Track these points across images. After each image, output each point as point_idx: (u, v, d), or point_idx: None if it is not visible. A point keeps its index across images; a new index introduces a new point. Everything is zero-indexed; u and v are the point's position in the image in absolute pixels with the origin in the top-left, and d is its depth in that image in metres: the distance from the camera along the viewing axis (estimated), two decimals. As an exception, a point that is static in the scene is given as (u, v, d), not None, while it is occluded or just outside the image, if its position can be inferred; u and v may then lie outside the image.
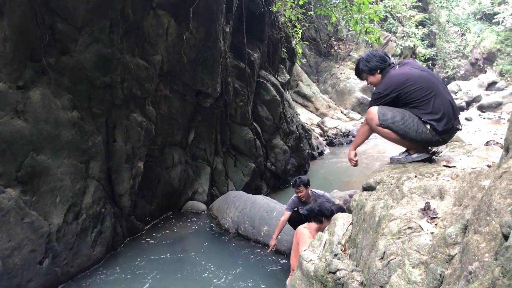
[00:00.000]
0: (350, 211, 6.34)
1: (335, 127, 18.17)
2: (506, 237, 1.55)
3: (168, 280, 6.67)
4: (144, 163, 8.27)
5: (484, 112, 24.12)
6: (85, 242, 6.76)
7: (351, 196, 9.77)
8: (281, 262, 7.12)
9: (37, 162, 5.94)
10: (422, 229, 2.43)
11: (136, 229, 8.27)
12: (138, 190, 8.29)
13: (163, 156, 9.31)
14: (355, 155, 4.07)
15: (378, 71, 3.74)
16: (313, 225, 5.17)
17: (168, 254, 7.57)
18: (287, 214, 6.68)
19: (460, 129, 3.72)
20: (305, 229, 4.90)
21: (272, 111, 12.16)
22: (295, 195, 6.61)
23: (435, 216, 2.49)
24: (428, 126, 3.40)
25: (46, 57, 6.17)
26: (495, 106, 24.34)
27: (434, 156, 3.79)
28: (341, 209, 6.49)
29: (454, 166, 3.29)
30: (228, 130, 11.08)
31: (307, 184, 6.43)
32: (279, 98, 12.29)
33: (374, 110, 3.50)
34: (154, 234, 8.42)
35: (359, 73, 3.92)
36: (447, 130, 3.46)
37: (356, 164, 4.11)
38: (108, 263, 7.18)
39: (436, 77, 3.67)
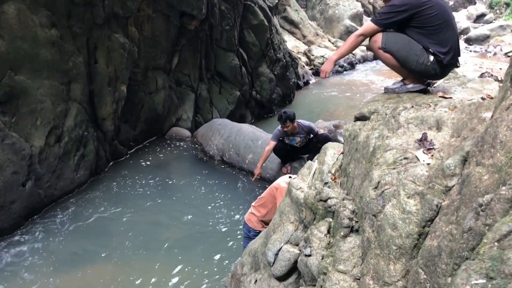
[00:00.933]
0: (336, 141, 6.37)
1: (322, 56, 17.84)
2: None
3: (151, 204, 6.72)
4: (127, 87, 8.05)
5: (471, 45, 23.90)
6: (68, 165, 6.69)
7: (335, 126, 9.80)
8: (265, 188, 7.20)
9: (15, 82, 5.69)
10: (418, 159, 2.39)
11: (119, 153, 8.21)
12: (121, 114, 8.13)
13: (146, 80, 9.06)
14: (333, 66, 3.71)
15: None
16: None
17: (152, 179, 7.59)
18: (272, 143, 6.66)
19: (459, 66, 3.61)
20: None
21: (259, 37, 11.78)
22: (280, 126, 6.54)
23: (431, 147, 2.45)
24: (432, 58, 3.26)
25: (19, -32, 5.72)
26: (483, 39, 24.11)
27: (429, 87, 3.71)
28: (327, 139, 6.50)
29: (451, 97, 3.22)
30: (213, 55, 10.76)
31: (293, 119, 6.35)
32: (266, 23, 11.86)
33: (379, 34, 3.32)
34: (138, 159, 8.40)
35: None
36: (449, 65, 3.36)
37: (326, 76, 3.78)
38: (92, 186, 7.18)
39: (449, 8, 3.48)
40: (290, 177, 4.77)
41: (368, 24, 3.43)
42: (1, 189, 5.50)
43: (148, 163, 8.24)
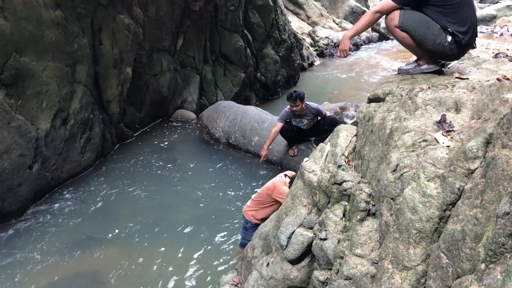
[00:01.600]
0: (342, 123, 6.29)
1: (327, 37, 17.65)
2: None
3: (158, 187, 6.71)
4: (132, 69, 7.96)
5: (477, 25, 23.59)
6: (74, 147, 6.66)
7: (341, 108, 9.73)
8: (272, 171, 7.18)
9: (20, 64, 5.62)
10: (437, 142, 2.34)
11: (125, 136, 8.18)
12: (126, 97, 8.07)
13: (151, 62, 8.97)
14: (350, 43, 3.59)
15: None
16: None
17: (158, 161, 7.57)
18: (279, 125, 6.59)
19: (475, 47, 3.53)
20: (286, 187, 4.66)
21: (264, 18, 11.62)
22: (288, 107, 6.47)
23: (451, 129, 2.39)
24: (449, 38, 3.18)
25: None
26: (489, 20, 23.80)
27: (443, 68, 3.64)
28: (334, 121, 6.44)
29: (467, 78, 3.15)
30: (218, 37, 10.63)
31: (303, 98, 6.28)
32: (271, 4, 11.68)
33: (396, 11, 3.23)
34: (144, 141, 8.37)
35: None
36: (467, 45, 3.28)
37: (346, 55, 3.70)
38: (98, 169, 7.17)
39: None
40: (286, 175, 4.80)
41: (385, 0, 3.33)
42: (9, 172, 5.48)
43: (153, 145, 8.21)
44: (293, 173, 4.89)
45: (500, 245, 1.34)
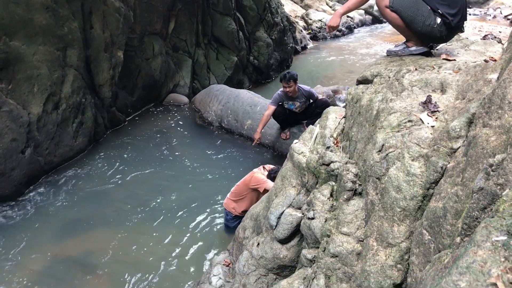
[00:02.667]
0: (334, 105, 6.32)
1: (320, 20, 17.57)
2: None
3: (151, 171, 6.74)
4: (124, 53, 7.92)
5: (470, 7, 23.56)
6: (66, 132, 6.66)
7: (334, 91, 9.75)
8: (265, 154, 7.23)
9: (10, 48, 5.58)
10: (422, 122, 2.38)
11: (118, 120, 8.17)
12: (118, 81, 8.04)
13: (143, 46, 8.92)
14: (340, 20, 3.56)
15: None
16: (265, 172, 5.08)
17: (151, 145, 7.59)
18: (272, 108, 6.62)
19: (463, 31, 3.55)
20: (262, 175, 4.92)
21: (256, 0, 11.54)
22: (281, 89, 6.49)
23: (436, 110, 2.43)
24: (439, 20, 3.20)
25: None
26: (482, 2, 23.79)
27: (432, 50, 3.66)
28: (326, 104, 6.47)
29: (454, 60, 3.18)
30: (210, 20, 10.57)
31: (296, 79, 6.30)
32: (264, -13, 11.62)
33: None
34: (137, 126, 8.37)
35: None
36: (456, 27, 3.30)
37: (332, 31, 3.66)
38: (91, 153, 7.18)
39: None
40: (264, 167, 4.99)
41: None
42: (1, 156, 5.49)
43: (146, 129, 8.22)
44: (272, 166, 5.06)
45: (474, 219, 1.38)
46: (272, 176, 4.80)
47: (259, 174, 4.91)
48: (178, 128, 8.45)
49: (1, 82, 5.56)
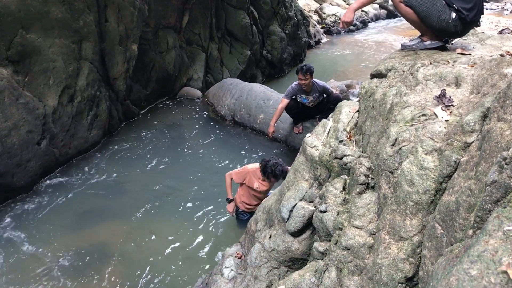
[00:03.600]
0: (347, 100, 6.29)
1: (334, 15, 17.46)
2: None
3: (164, 164, 6.80)
4: (138, 46, 7.97)
5: (487, 2, 23.22)
6: (81, 124, 6.74)
7: (347, 86, 9.71)
8: (278, 148, 7.24)
9: (27, 40, 5.66)
10: (436, 116, 2.37)
11: (132, 113, 8.24)
12: (132, 74, 8.10)
13: (157, 39, 8.97)
14: (353, 15, 3.55)
15: None
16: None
17: (164, 138, 7.65)
18: (285, 101, 6.61)
19: (479, 25, 3.51)
20: (242, 168, 5.09)
21: (270, -6, 11.53)
22: (295, 82, 6.48)
23: (450, 104, 2.42)
24: (454, 15, 3.17)
25: None
26: (500, -3, 23.41)
27: (447, 44, 3.63)
28: (338, 99, 6.45)
29: (470, 54, 3.16)
30: (223, 13, 10.57)
31: (312, 73, 6.29)
32: (278, -19, 11.58)
33: None
34: (150, 119, 8.43)
35: None
36: (471, 22, 3.27)
37: (346, 27, 3.70)
38: (105, 146, 7.26)
39: None
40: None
41: None
42: (17, 148, 5.58)
43: (160, 123, 8.27)
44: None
45: (486, 211, 1.39)
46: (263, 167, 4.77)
47: (249, 166, 5.06)
48: (191, 122, 8.49)
49: (17, 74, 5.64)
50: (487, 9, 21.90)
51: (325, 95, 6.67)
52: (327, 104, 6.55)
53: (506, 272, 0.93)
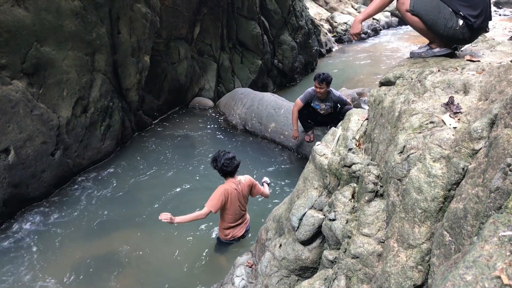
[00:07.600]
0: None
1: (345, 23, 17.49)
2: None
3: (176, 174, 6.84)
4: (150, 57, 8.08)
5: (500, 8, 23.07)
6: (94, 135, 6.83)
7: (359, 94, 9.70)
8: (286, 156, 7.24)
9: (41, 53, 5.78)
10: (444, 123, 2.36)
11: (144, 123, 8.33)
12: (145, 85, 8.20)
13: (169, 50, 9.08)
14: (360, 26, 3.59)
15: None
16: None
17: (177, 148, 7.70)
18: (299, 104, 6.55)
19: (488, 31, 3.50)
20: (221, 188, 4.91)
21: (280, 4, 11.60)
22: (312, 87, 6.46)
23: (458, 111, 2.42)
24: (461, 22, 3.16)
25: None
26: (513, 3, 23.23)
27: (456, 51, 3.62)
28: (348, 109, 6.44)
29: (479, 61, 3.14)
30: (234, 24, 10.67)
31: (329, 83, 6.29)
32: (288, -10, 11.66)
33: None
34: (163, 129, 8.51)
35: None
36: (479, 28, 3.26)
37: (356, 39, 3.74)
38: (118, 156, 7.34)
39: None
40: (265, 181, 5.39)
41: None
42: (32, 159, 5.67)
43: (172, 133, 8.34)
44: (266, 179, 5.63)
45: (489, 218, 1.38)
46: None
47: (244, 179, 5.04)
48: (203, 131, 8.55)
49: (32, 86, 5.75)
50: (500, 15, 21.74)
51: (339, 106, 6.64)
52: (338, 114, 6.53)
53: (500, 277, 0.94)
